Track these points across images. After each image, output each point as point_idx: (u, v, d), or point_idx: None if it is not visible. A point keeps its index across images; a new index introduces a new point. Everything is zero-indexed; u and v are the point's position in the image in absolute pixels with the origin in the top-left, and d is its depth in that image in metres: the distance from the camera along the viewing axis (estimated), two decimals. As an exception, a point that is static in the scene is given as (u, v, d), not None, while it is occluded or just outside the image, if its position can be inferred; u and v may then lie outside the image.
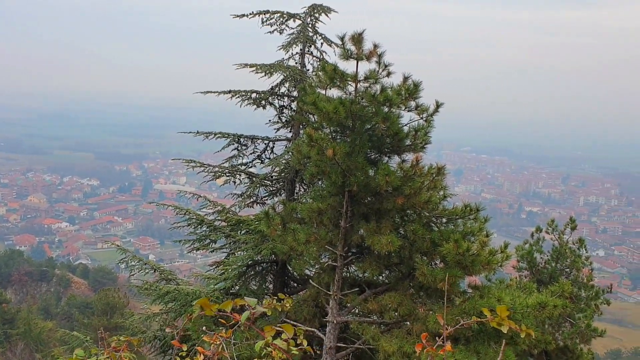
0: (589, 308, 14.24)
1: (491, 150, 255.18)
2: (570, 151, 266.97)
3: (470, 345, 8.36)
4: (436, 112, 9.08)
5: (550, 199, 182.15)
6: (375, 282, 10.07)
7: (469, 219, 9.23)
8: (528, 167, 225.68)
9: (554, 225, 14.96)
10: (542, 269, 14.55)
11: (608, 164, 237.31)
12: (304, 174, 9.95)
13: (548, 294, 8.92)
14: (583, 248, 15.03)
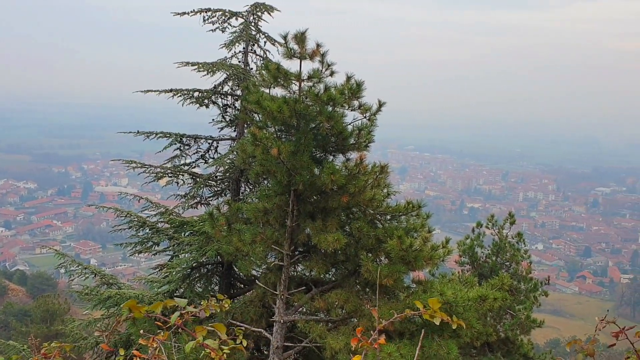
0: (528, 300, 14.74)
1: (434, 148, 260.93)
2: (509, 149, 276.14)
3: (414, 340, 8.52)
4: (379, 111, 9.20)
5: (491, 195, 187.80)
6: (322, 280, 10.11)
7: (411, 215, 9.40)
8: (469, 165, 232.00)
9: (493, 220, 15.41)
10: (483, 263, 14.96)
11: (545, 160, 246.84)
12: (249, 173, 9.88)
13: (488, 287, 9.20)
14: (522, 242, 15.54)
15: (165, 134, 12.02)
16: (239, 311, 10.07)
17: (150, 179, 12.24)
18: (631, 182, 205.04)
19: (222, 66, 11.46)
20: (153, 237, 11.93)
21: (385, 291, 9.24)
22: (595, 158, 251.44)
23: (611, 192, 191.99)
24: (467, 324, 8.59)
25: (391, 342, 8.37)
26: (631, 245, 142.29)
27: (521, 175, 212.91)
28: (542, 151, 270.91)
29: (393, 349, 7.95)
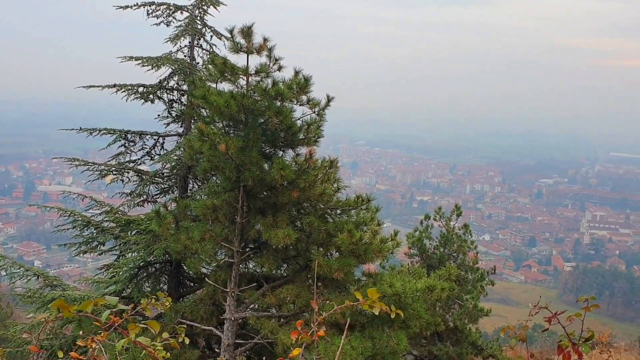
0: (476, 289, 15.13)
1: (384, 143, 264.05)
2: (456, 143, 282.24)
3: (365, 332, 8.61)
4: (327, 106, 9.22)
5: (439, 188, 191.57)
6: (273, 276, 10.09)
7: (361, 209, 9.49)
8: (418, 159, 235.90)
9: (441, 212, 15.73)
10: (432, 255, 15.26)
11: (490, 153, 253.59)
12: (196, 170, 9.73)
13: (436, 278, 9.39)
14: (468, 233, 15.91)
15: (109, 130, 11.68)
16: (188, 310, 9.93)
17: (95, 177, 11.88)
18: (572, 173, 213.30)
19: (167, 61, 11.22)
20: (98, 236, 11.59)
21: (337, 285, 9.30)
22: (538, 151, 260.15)
23: (554, 184, 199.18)
24: (416, 314, 8.76)
25: (342, 335, 8.42)
26: (573, 234, 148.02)
27: (468, 168, 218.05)
28: (487, 144, 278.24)
29: (344, 342, 8.01)
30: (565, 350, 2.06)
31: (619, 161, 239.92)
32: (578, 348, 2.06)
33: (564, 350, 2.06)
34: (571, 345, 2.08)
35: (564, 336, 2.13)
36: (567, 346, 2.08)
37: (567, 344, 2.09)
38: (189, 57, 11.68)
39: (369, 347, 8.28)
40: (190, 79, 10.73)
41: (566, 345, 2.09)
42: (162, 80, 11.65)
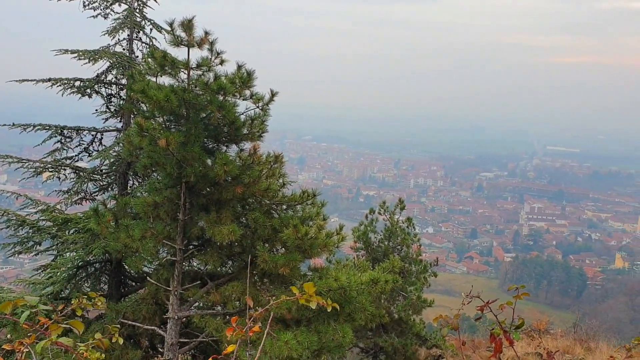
0: (419, 281, 15.44)
1: (331, 139, 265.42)
2: (400, 138, 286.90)
3: (311, 326, 8.64)
4: (272, 101, 9.17)
5: (384, 183, 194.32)
6: (218, 273, 9.97)
7: (307, 204, 9.50)
8: (364, 154, 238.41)
9: (385, 206, 15.95)
10: (377, 248, 15.47)
11: (433, 148, 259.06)
12: (136, 166, 9.48)
13: (380, 271, 9.52)
14: (412, 226, 16.21)
15: (44, 126, 11.21)
16: (130, 310, 9.69)
17: (30, 174, 11.40)
18: (512, 167, 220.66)
19: (104, 54, 10.87)
20: (34, 236, 11.13)
21: (283, 280, 9.28)
22: (479, 145, 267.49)
23: (494, 177, 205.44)
24: (361, 307, 8.86)
25: (288, 330, 8.43)
26: (513, 226, 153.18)
27: (412, 163, 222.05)
28: (430, 139, 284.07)
29: (290, 337, 8.01)
30: (497, 337, 2.12)
31: (556, 155, 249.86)
32: (509, 335, 2.12)
33: (496, 337, 2.12)
34: (502, 333, 2.14)
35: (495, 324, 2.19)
36: (498, 334, 2.14)
37: (499, 332, 2.15)
38: (127, 50, 11.36)
39: (314, 341, 8.31)
40: (129, 72, 10.43)
41: (498, 333, 2.15)
42: (100, 74, 11.29)
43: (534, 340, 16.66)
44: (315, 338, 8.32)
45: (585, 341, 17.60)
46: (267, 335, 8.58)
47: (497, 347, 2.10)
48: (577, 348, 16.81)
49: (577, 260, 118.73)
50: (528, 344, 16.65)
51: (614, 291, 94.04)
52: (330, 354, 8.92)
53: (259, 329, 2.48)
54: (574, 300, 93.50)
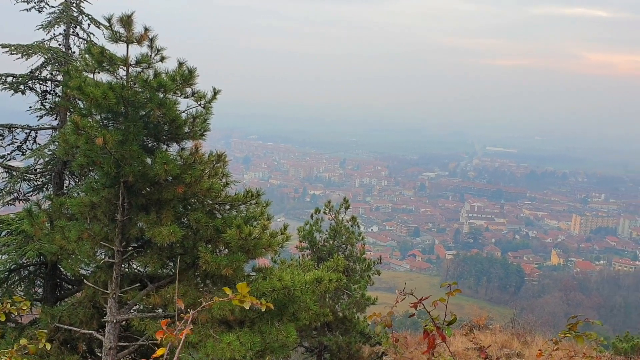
0: (363, 279, 15.60)
1: (277, 138, 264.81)
2: (346, 138, 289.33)
3: (255, 327, 8.57)
4: (214, 99, 9.05)
5: (330, 182, 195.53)
6: (158, 275, 9.74)
7: (251, 204, 9.42)
8: (310, 154, 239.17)
9: (330, 206, 16.03)
10: (322, 247, 15.52)
11: (378, 148, 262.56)
12: (72, 165, 9.15)
13: (325, 270, 9.54)
14: (356, 225, 16.36)
15: (-27, 123, 10.68)
16: (66, 314, 9.35)
17: (-44, 174, 10.83)
18: (453, 167, 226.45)
19: (38, 49, 10.44)
20: (-38, 239, 10.58)
21: (226, 281, 9.16)
22: (422, 146, 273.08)
23: (436, 177, 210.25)
24: (305, 307, 8.86)
25: (231, 332, 8.34)
26: (454, 224, 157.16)
27: (357, 163, 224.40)
28: (375, 140, 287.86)
29: (233, 338, 7.93)
30: (430, 333, 2.16)
31: (495, 155, 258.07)
32: (442, 331, 2.17)
33: (429, 334, 2.16)
34: (435, 329, 2.18)
35: (428, 320, 2.23)
36: (432, 330, 2.19)
37: (432, 328, 2.19)
38: (64, 45, 10.95)
39: (258, 341, 8.25)
40: (65, 69, 10.05)
41: (431, 329, 2.19)
42: (34, 70, 10.84)
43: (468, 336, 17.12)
44: (258, 339, 8.27)
45: (522, 335, 18.20)
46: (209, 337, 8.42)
47: (430, 343, 2.13)
48: (514, 342, 17.36)
49: (515, 257, 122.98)
50: (469, 340, 17.08)
51: (550, 287, 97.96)
52: (274, 354, 8.87)
53: (191, 331, 2.42)
54: (512, 295, 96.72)
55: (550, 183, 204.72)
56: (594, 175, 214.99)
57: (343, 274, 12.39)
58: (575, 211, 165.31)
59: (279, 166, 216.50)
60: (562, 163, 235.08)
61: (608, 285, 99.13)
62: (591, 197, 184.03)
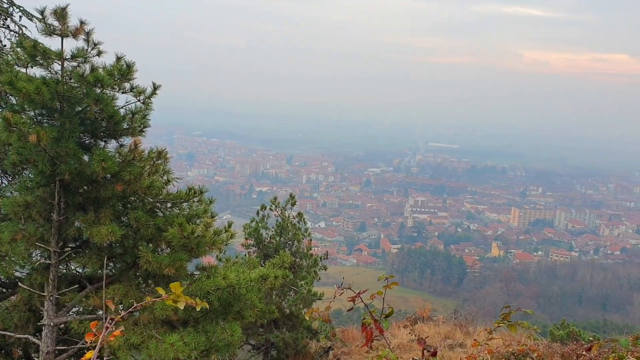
0: (310, 275, 15.66)
1: (222, 134, 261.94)
2: (292, 134, 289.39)
3: (199, 326, 8.46)
4: (154, 94, 8.86)
5: (277, 179, 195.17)
6: (98, 276, 9.46)
7: (194, 201, 9.28)
8: (256, 150, 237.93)
9: (276, 202, 15.98)
10: (268, 244, 15.46)
11: (324, 144, 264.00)
12: (4, 163, 8.75)
13: (270, 267, 9.51)
14: (302, 221, 16.39)
15: None
16: (0, 318, 8.95)
17: None
18: (397, 162, 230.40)
19: (-35, 41, 9.93)
20: None
21: (169, 281, 8.98)
22: (367, 142, 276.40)
23: (381, 172, 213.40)
24: (251, 304, 8.81)
25: (175, 332, 8.20)
26: (398, 218, 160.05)
27: (304, 159, 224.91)
28: (321, 136, 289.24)
29: (176, 338, 7.79)
30: (368, 327, 2.19)
31: (437, 151, 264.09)
32: (379, 324, 2.20)
33: (367, 327, 2.18)
34: (373, 322, 2.20)
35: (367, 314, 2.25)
36: (369, 323, 2.21)
37: (370, 321, 2.21)
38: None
39: (202, 341, 8.15)
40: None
41: (369, 322, 2.22)
42: (-39, 63, 10.28)
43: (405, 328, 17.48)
44: (203, 338, 8.16)
45: (464, 326, 18.71)
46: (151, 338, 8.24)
47: (368, 336, 2.16)
48: (457, 333, 17.83)
49: (458, 249, 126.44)
50: (412, 332, 17.41)
51: (491, 278, 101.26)
52: (220, 353, 8.78)
53: (121, 332, 2.36)
54: (455, 287, 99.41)
55: (491, 177, 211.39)
56: (532, 170, 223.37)
57: (289, 271, 12.37)
58: (514, 204, 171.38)
59: (225, 163, 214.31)
60: (502, 158, 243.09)
61: (546, 275, 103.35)
62: (529, 191, 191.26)
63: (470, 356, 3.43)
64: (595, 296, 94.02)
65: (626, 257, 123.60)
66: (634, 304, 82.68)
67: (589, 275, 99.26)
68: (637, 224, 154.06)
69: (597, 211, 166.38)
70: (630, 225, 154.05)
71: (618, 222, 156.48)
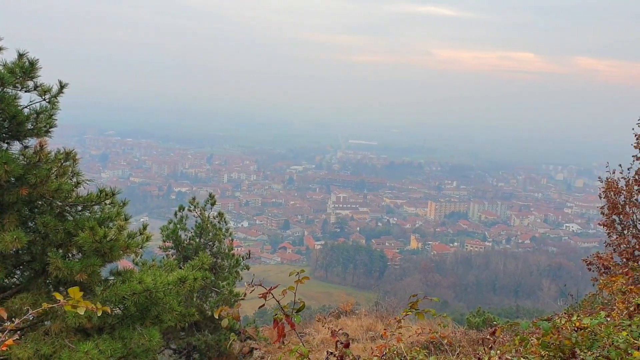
0: (232, 275, 15.49)
1: (137, 133, 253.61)
2: (212, 132, 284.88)
3: (115, 333, 8.18)
4: (60, 93, 8.48)
5: (197, 179, 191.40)
6: (4, 285, 8.92)
7: (105, 204, 8.94)
8: (174, 149, 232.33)
9: (195, 203, 15.66)
10: (187, 246, 15.14)
11: (246, 143, 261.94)
12: None
13: (189, 269, 9.33)
14: (223, 221, 16.16)
15: None
16: None
17: None
18: (319, 160, 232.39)
19: None
20: None
21: (81, 288, 8.60)
22: (289, 140, 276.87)
23: (303, 170, 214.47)
24: (169, 308, 8.61)
25: (89, 340, 7.88)
26: (321, 215, 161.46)
27: (225, 158, 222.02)
28: (243, 134, 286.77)
29: (91, 347, 7.49)
30: (279, 322, 2.19)
31: (357, 148, 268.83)
32: (291, 319, 2.21)
33: (279, 322, 2.19)
34: (285, 317, 2.21)
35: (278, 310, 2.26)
36: (281, 319, 2.22)
37: (281, 317, 2.22)
38: None
39: (119, 348, 7.89)
40: None
41: (280, 318, 2.22)
42: None
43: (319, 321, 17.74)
44: (119, 345, 7.89)
45: (385, 317, 19.17)
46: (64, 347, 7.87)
47: (279, 331, 2.17)
48: (378, 324, 18.23)
49: (379, 243, 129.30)
50: (335, 326, 17.66)
51: (410, 269, 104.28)
52: (138, 359, 8.52)
53: (15, 342, 2.24)
54: (376, 280, 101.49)
55: (408, 172, 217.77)
56: (447, 164, 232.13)
57: (210, 272, 12.21)
58: (430, 198, 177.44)
59: (141, 163, 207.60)
60: (418, 154, 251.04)
61: (462, 265, 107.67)
62: (444, 185, 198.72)
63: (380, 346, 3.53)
64: (508, 284, 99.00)
65: (535, 246, 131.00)
66: (543, 289, 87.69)
67: (502, 263, 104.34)
68: (545, 214, 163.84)
69: (508, 202, 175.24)
70: (538, 215, 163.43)
71: (527, 213, 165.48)
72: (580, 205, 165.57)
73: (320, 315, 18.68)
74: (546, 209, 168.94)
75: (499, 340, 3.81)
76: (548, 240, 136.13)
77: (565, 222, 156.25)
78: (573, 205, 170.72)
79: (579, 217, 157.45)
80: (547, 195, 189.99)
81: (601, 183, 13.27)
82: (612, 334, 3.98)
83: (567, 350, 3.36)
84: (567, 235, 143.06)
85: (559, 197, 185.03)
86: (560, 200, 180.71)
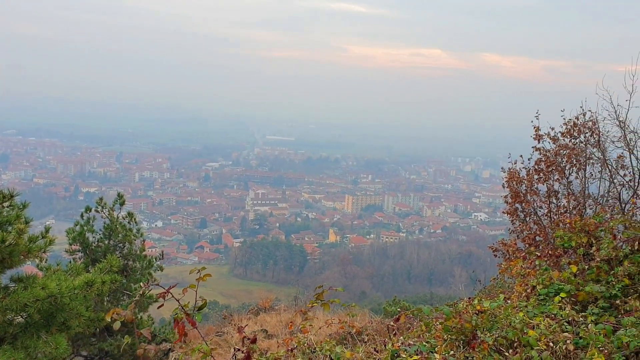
0: (144, 277, 15.01)
1: (40, 132, 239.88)
2: (121, 130, 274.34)
3: (17, 342, 7.73)
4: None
5: (106, 178, 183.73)
6: None
7: (4, 207, 8.42)
8: (81, 148, 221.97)
9: (103, 203, 15.00)
10: (96, 248, 14.49)
11: (157, 140, 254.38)
12: None
13: (97, 272, 8.97)
14: (134, 222, 15.61)
15: None
16: None
17: None
18: (236, 156, 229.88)
19: None
20: None
21: (-23, 297, 8.06)
22: (204, 136, 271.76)
23: (220, 167, 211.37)
24: (76, 313, 8.24)
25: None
26: (240, 212, 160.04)
27: (136, 156, 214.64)
28: (154, 131, 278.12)
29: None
30: (180, 321, 2.15)
31: (275, 144, 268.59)
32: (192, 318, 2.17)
33: (179, 321, 2.15)
34: (185, 316, 2.17)
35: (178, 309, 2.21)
36: (181, 318, 2.17)
37: (182, 316, 2.18)
38: None
39: (21, 357, 7.46)
40: None
41: (180, 317, 2.18)
42: None
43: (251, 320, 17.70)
44: (22, 355, 7.48)
45: (305, 312, 19.29)
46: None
47: (180, 330, 2.12)
48: (298, 319, 18.31)
49: (298, 238, 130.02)
50: (255, 323, 17.59)
51: (330, 263, 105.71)
52: (44, 368, 8.10)
53: None
54: (297, 275, 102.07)
55: (325, 167, 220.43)
56: (362, 159, 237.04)
57: (120, 274, 11.78)
58: (347, 192, 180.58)
59: (45, 163, 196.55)
60: (335, 149, 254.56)
61: (378, 256, 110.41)
62: (360, 179, 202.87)
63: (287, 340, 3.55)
64: (422, 272, 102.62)
65: (446, 235, 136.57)
66: (455, 276, 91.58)
67: (416, 253, 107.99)
68: (455, 204, 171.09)
69: (420, 194, 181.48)
70: (448, 205, 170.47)
71: (438, 203, 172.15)
72: (487, 195, 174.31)
73: (225, 313, 18.54)
74: (456, 200, 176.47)
75: (409, 327, 3.94)
76: (458, 229, 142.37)
77: (474, 211, 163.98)
78: (481, 195, 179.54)
79: (486, 207, 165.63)
80: (456, 187, 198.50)
81: (504, 173, 13.97)
82: (510, 315, 4.23)
83: (469, 333, 3.53)
84: (476, 224, 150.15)
85: (468, 188, 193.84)
86: (468, 191, 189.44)
